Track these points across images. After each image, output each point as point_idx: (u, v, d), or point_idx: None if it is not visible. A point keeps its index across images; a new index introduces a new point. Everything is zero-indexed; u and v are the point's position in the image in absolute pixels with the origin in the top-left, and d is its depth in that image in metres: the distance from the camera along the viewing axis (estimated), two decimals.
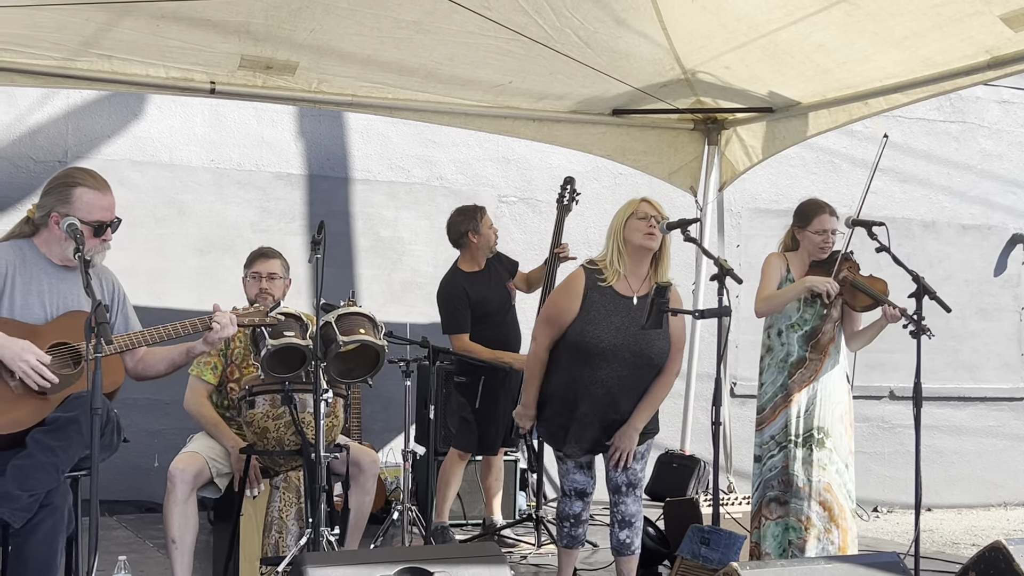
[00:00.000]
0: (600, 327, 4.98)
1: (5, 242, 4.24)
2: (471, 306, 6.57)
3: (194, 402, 5.29)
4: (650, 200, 5.14)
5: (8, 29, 5.67)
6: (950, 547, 7.73)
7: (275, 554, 5.02)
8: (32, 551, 3.78)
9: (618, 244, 5.07)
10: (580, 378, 5.00)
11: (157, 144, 8.33)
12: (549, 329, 5.13)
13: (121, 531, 7.24)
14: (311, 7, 5.71)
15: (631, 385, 5.01)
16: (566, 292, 5.13)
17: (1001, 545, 4.63)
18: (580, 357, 5.00)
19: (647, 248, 5.04)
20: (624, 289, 5.04)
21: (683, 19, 6.00)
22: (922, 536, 5.40)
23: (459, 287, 6.62)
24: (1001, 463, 10.41)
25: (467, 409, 6.50)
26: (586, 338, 4.98)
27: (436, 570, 3.68)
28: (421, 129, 8.70)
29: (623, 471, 5.07)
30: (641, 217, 5.04)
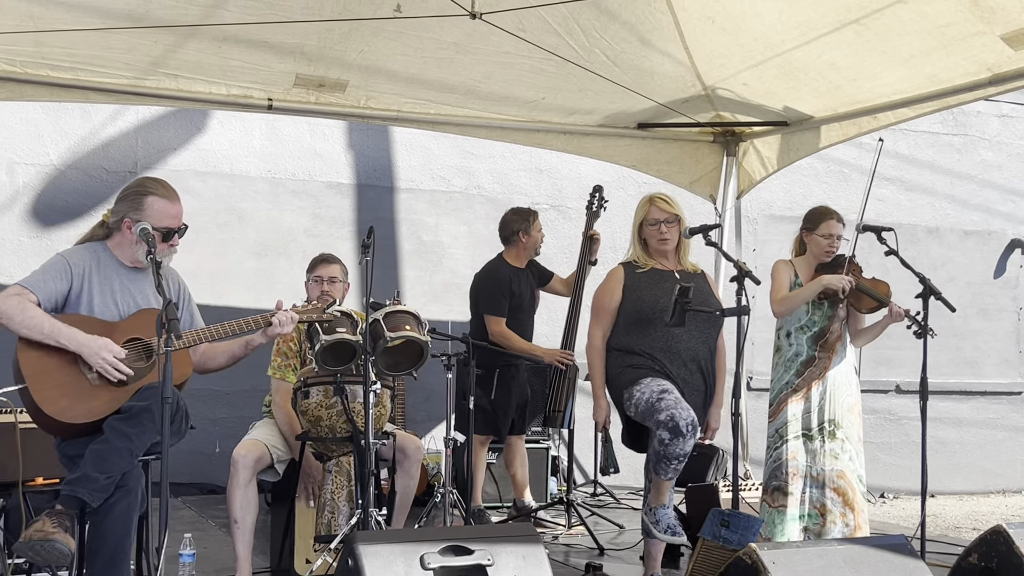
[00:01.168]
0: (654, 291, 5.02)
1: (81, 245, 4.27)
2: (511, 296, 6.61)
3: (281, 402, 5.27)
4: (657, 201, 5.16)
5: (84, 50, 5.73)
6: (953, 531, 7.68)
7: (328, 533, 5.03)
8: (108, 528, 3.79)
9: (639, 243, 5.17)
10: (655, 339, 4.98)
11: (219, 156, 8.39)
12: (598, 319, 5.15)
13: (186, 511, 7.29)
14: (360, 30, 5.74)
15: (700, 337, 5.02)
16: (607, 284, 5.19)
17: (1002, 529, 4.60)
18: (645, 321, 5.00)
19: (663, 250, 5.12)
20: (663, 267, 5.12)
21: (704, 39, 5.99)
22: (927, 520, 5.38)
23: (505, 275, 6.65)
24: (1000, 453, 10.36)
25: (483, 399, 6.52)
26: (644, 303, 5.01)
27: (476, 548, 3.69)
28: (460, 142, 8.72)
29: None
30: (652, 224, 5.09)
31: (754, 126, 7.19)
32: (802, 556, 3.93)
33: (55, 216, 7.94)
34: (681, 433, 4.70)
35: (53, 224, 7.92)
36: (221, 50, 5.88)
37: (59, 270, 4.06)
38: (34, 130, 7.93)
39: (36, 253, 7.70)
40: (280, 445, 5.17)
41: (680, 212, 5.14)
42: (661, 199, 5.16)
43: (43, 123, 7.94)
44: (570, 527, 6.78)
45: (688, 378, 5.00)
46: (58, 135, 7.99)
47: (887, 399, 9.88)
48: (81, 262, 4.12)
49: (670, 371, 4.96)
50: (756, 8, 5.51)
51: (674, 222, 5.10)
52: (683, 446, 4.73)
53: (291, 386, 5.24)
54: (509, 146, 8.32)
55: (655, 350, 4.98)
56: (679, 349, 4.97)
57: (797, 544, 4.23)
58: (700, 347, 5.03)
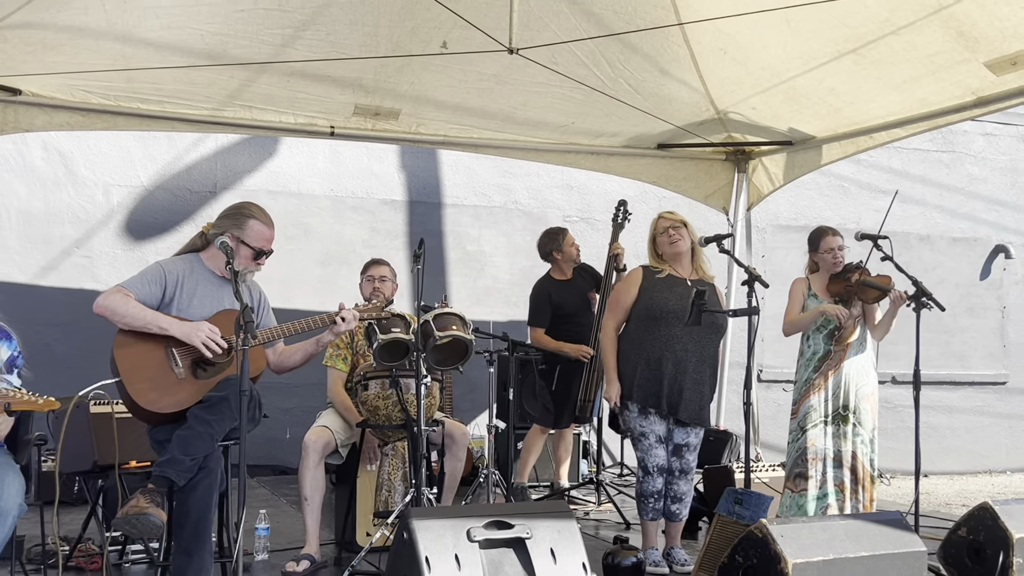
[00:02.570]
0: (665, 295, 5.00)
1: (178, 256, 4.32)
2: (552, 307, 6.60)
3: (333, 389, 5.34)
4: (663, 215, 5.21)
5: (170, 85, 5.79)
6: (944, 507, 7.60)
7: (385, 509, 5.07)
8: (192, 505, 3.82)
9: (655, 255, 5.17)
10: (658, 338, 4.96)
11: (287, 177, 8.45)
12: (612, 313, 5.15)
13: (260, 490, 7.34)
14: (411, 65, 5.76)
15: (696, 346, 4.98)
16: (625, 282, 5.21)
17: (988, 505, 4.57)
18: (652, 321, 4.98)
19: (677, 252, 5.10)
20: (677, 274, 5.10)
21: (716, 69, 5.97)
22: (920, 498, 5.33)
23: (545, 291, 6.68)
24: (987, 437, 10.28)
25: (546, 390, 6.53)
26: (655, 304, 5.00)
27: (516, 523, 3.69)
28: (499, 162, 8.73)
29: (680, 459, 5.05)
30: (661, 232, 5.12)
31: (762, 145, 7.15)
32: (807, 530, 3.91)
33: (145, 231, 8.03)
34: (649, 472, 4.99)
35: (143, 238, 8.02)
36: (289, 84, 5.91)
37: (155, 276, 4.10)
38: (126, 156, 8.02)
39: (129, 264, 7.80)
40: (343, 432, 5.20)
41: (684, 220, 5.16)
42: (667, 213, 5.23)
43: (134, 150, 8.03)
44: (599, 504, 6.77)
45: (675, 373, 4.95)
46: (147, 160, 8.07)
47: (884, 389, 9.69)
48: (175, 271, 4.16)
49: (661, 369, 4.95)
50: (763, 41, 5.48)
51: (680, 227, 5.10)
52: (653, 484, 4.99)
53: (340, 373, 5.33)
54: (543, 165, 8.32)
55: (656, 347, 4.97)
56: (673, 348, 4.95)
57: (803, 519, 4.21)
58: (695, 349, 4.97)
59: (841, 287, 5.50)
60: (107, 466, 4.70)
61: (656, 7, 5.28)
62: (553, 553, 3.64)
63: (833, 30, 5.19)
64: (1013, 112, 9.71)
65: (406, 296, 8.08)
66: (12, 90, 5.59)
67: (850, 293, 5.48)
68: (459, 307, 5.14)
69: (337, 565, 4.99)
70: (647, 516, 5.06)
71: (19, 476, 3.49)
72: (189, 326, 3.96)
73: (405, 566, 3.53)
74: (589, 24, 5.38)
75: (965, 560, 4.60)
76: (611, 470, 8.36)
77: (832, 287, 5.55)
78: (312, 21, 5.26)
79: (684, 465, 5.07)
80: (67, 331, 7.47)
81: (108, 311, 3.93)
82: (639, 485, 5.06)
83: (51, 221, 7.82)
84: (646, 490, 5.01)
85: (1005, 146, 10.66)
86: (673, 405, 4.96)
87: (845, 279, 5.48)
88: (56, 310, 7.58)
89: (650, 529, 5.11)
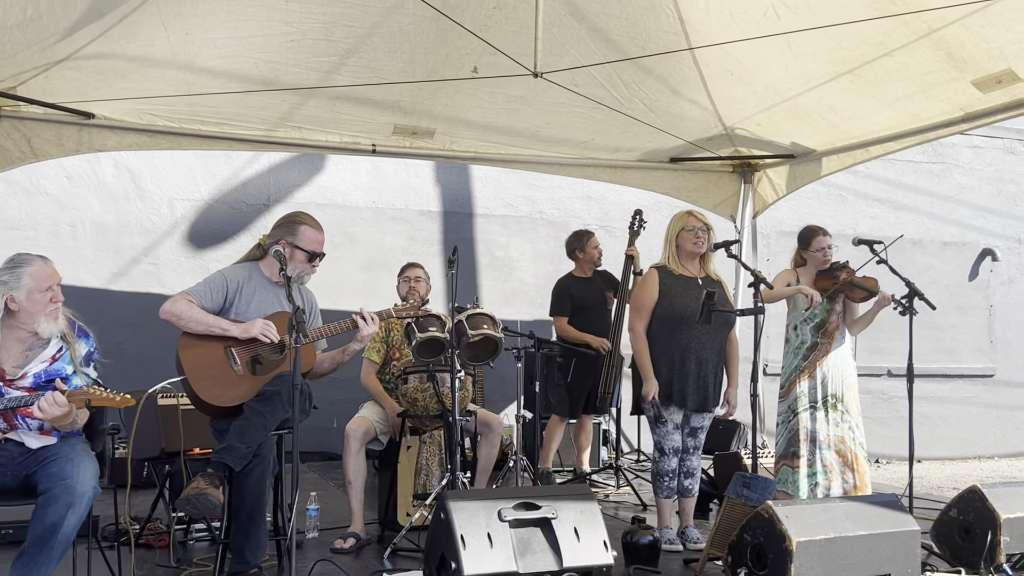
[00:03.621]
0: (683, 298, 5.00)
1: (239, 264, 4.36)
2: (572, 300, 6.63)
3: (365, 377, 5.40)
4: (695, 213, 5.20)
5: (228, 109, 5.84)
6: (936, 490, 7.52)
7: (423, 491, 5.09)
8: (248, 489, 3.85)
9: (673, 248, 5.14)
10: (680, 339, 4.97)
11: (333, 190, 8.50)
12: (639, 315, 5.13)
13: (310, 474, 7.38)
14: (445, 88, 5.78)
15: (712, 342, 5.01)
16: (644, 285, 5.16)
17: (977, 488, 4.53)
18: (675, 323, 4.98)
19: (696, 253, 5.11)
20: (689, 274, 5.10)
21: (724, 89, 5.95)
22: (914, 481, 5.29)
23: (566, 285, 6.73)
24: (976, 426, 10.19)
25: (563, 381, 6.54)
26: (675, 308, 5.00)
27: (543, 504, 3.70)
28: (525, 176, 8.74)
29: (694, 439, 5.07)
30: (690, 230, 5.08)
31: (766, 158, 7.12)
32: (810, 511, 3.89)
33: (205, 241, 8.09)
34: (665, 453, 5.02)
35: (204, 247, 8.09)
36: (335, 107, 5.94)
37: (217, 284, 4.15)
38: (189, 172, 8.09)
39: (191, 270, 7.87)
40: (383, 421, 5.22)
41: (710, 224, 5.16)
42: (698, 213, 5.20)
43: (196, 167, 8.10)
44: (618, 487, 6.76)
45: (698, 371, 4.97)
46: (207, 176, 8.14)
47: (880, 382, 9.74)
48: (235, 278, 4.20)
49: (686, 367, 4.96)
50: (767, 63, 5.46)
51: (706, 231, 5.09)
52: (668, 464, 5.02)
53: (373, 364, 5.39)
54: (565, 178, 8.32)
55: (679, 348, 4.97)
56: (694, 347, 4.96)
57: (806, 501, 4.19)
58: (711, 343, 5.00)
59: (829, 283, 5.47)
60: (173, 453, 4.76)
61: (668, 33, 5.28)
62: (576, 532, 3.66)
63: (831, 52, 5.16)
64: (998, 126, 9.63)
65: (441, 298, 8.11)
66: (86, 114, 5.65)
67: (838, 290, 5.45)
68: (489, 308, 5.14)
69: (380, 542, 5.02)
70: (662, 494, 5.08)
71: (94, 462, 3.53)
72: (245, 324, 4.01)
73: (442, 543, 3.55)
74: (607, 49, 5.38)
75: (956, 539, 4.56)
76: (629, 456, 8.34)
77: (820, 283, 5.51)
78: (355, 49, 5.29)
79: (697, 443, 5.13)
80: (136, 331, 7.54)
81: (173, 316, 3.98)
82: (655, 465, 5.09)
83: (121, 232, 7.90)
84: (662, 469, 5.04)
85: (991, 157, 10.57)
86: (700, 400, 4.98)
87: (833, 277, 5.47)
88: (126, 312, 7.66)
89: (665, 508, 5.11)
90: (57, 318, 3.65)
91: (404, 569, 4.40)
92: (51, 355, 3.64)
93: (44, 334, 3.62)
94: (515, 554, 3.51)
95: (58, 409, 3.39)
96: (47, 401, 3.39)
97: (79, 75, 5.17)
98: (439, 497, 3.72)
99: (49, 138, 5.67)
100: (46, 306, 3.61)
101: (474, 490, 4.90)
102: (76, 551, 3.61)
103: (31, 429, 3.56)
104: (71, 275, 7.63)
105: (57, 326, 3.64)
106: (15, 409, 3.52)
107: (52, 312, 3.63)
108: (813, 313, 5.48)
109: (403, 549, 4.75)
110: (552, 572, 3.53)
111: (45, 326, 3.61)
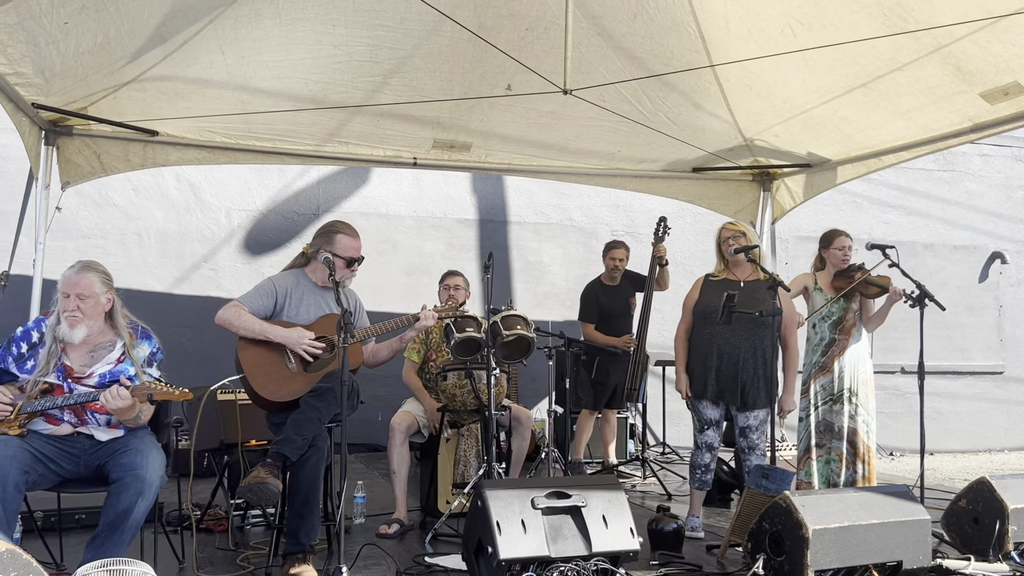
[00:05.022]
0: (711, 298, 4.99)
1: (287, 271, 4.40)
2: (599, 307, 6.63)
3: (406, 375, 5.43)
4: (727, 226, 5.18)
5: (281, 126, 5.90)
6: (947, 482, 7.43)
7: (462, 481, 5.11)
8: (304, 477, 3.88)
9: (720, 256, 5.17)
10: (711, 335, 4.95)
11: (377, 201, 8.56)
12: (682, 318, 5.16)
13: (357, 464, 7.43)
14: (480, 104, 5.80)
15: (747, 342, 4.92)
16: (692, 290, 5.19)
17: (986, 480, 4.48)
18: (702, 321, 4.98)
19: (736, 259, 5.09)
20: (733, 278, 5.08)
21: (744, 102, 5.93)
22: (926, 473, 5.24)
23: (593, 293, 6.75)
24: (986, 420, 10.05)
25: (587, 378, 6.55)
26: (702, 306, 5.01)
27: (573, 493, 3.71)
28: (556, 186, 8.77)
29: (745, 439, 4.99)
30: (724, 240, 5.11)
31: (784, 168, 7.07)
32: (825, 501, 3.87)
33: (260, 248, 8.19)
34: (699, 447, 5.03)
35: (259, 254, 8.18)
36: (379, 123, 5.98)
37: (267, 290, 4.19)
38: (244, 184, 8.19)
39: (247, 276, 7.97)
40: (424, 416, 5.26)
41: (745, 229, 5.10)
42: (730, 223, 5.19)
43: (251, 179, 8.20)
44: (644, 478, 6.75)
45: (721, 365, 4.92)
46: (261, 188, 8.24)
47: (894, 378, 9.64)
48: (284, 284, 4.24)
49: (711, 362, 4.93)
50: (784, 78, 5.44)
51: (740, 236, 5.06)
52: (701, 457, 5.02)
53: (413, 363, 5.42)
54: (593, 188, 8.32)
55: (704, 344, 4.96)
56: (718, 343, 4.93)
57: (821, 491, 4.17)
58: (742, 343, 4.93)
59: (845, 282, 5.45)
60: (231, 444, 4.82)
61: (690, 51, 5.27)
62: (605, 519, 3.66)
63: (845, 67, 5.13)
64: (1006, 136, 9.52)
65: (477, 300, 8.15)
66: (151, 132, 5.73)
67: (854, 288, 5.42)
68: (522, 309, 5.17)
69: (422, 528, 5.05)
70: (694, 485, 5.07)
71: (161, 453, 3.59)
72: (289, 336, 4.03)
73: (480, 529, 3.58)
74: (632, 67, 5.38)
75: (965, 528, 4.51)
76: (654, 448, 8.33)
77: (837, 282, 5.49)
78: (397, 70, 5.33)
79: (750, 443, 4.98)
80: (196, 332, 7.65)
81: (226, 323, 4.05)
82: (691, 457, 5.12)
83: (183, 240, 8.01)
84: (695, 462, 5.06)
85: (1000, 165, 10.42)
86: (732, 396, 4.93)
87: (849, 276, 5.44)
88: (187, 314, 7.76)
89: (696, 498, 5.09)
90: (74, 326, 3.60)
91: (444, 553, 4.43)
92: (116, 357, 3.70)
93: (59, 336, 3.61)
94: (547, 539, 3.52)
95: (121, 401, 3.44)
96: (111, 394, 3.44)
97: (144, 96, 5.25)
98: (476, 486, 3.74)
99: (117, 154, 5.75)
100: (65, 311, 3.62)
101: (509, 479, 4.91)
102: (143, 535, 3.67)
103: (100, 424, 3.63)
104: (137, 280, 7.77)
105: (73, 333, 3.60)
106: (84, 404, 3.59)
107: (68, 318, 3.60)
108: (831, 311, 5.45)
109: (443, 534, 4.78)
110: (582, 556, 3.54)
111: (63, 329, 3.61)
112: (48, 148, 5.43)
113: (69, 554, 4.11)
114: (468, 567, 3.71)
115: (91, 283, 3.66)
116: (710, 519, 5.46)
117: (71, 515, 4.78)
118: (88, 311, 3.64)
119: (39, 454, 3.49)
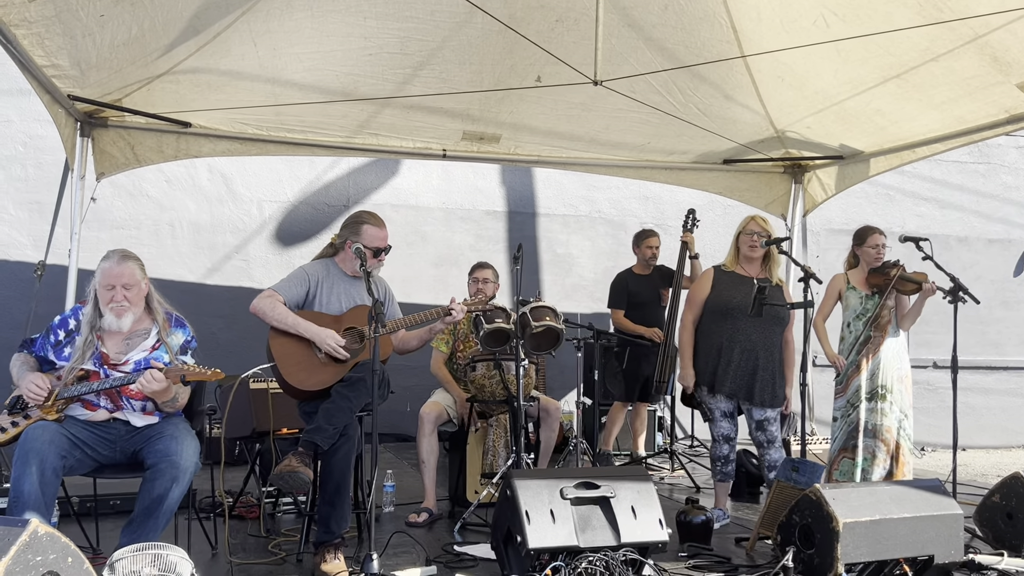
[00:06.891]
0: (731, 292, 4.97)
1: (317, 260, 4.42)
2: (628, 295, 6.64)
3: (435, 366, 5.45)
4: (757, 218, 5.12)
5: (312, 118, 5.95)
6: (980, 477, 7.34)
7: (490, 471, 5.12)
8: (335, 465, 3.91)
9: (734, 248, 5.14)
10: (723, 331, 4.94)
11: (407, 192, 8.59)
12: (690, 308, 5.13)
13: (386, 454, 7.48)
14: (510, 97, 5.81)
15: (761, 337, 4.93)
16: (699, 281, 5.18)
17: (1020, 475, 4.43)
18: (719, 315, 4.97)
19: (749, 257, 5.04)
20: (743, 273, 5.05)
21: (775, 94, 5.88)
22: (958, 468, 5.19)
23: (624, 280, 6.77)
24: (1020, 416, 9.93)
25: (618, 369, 6.55)
26: (721, 300, 4.98)
27: (602, 484, 3.72)
28: (585, 177, 8.74)
29: (763, 432, 5.00)
30: (748, 233, 5.04)
31: (816, 160, 7.02)
32: (856, 494, 3.84)
33: (291, 238, 8.25)
34: (716, 440, 5.04)
35: (290, 244, 8.25)
36: (408, 115, 6.00)
37: (300, 279, 4.22)
38: (275, 176, 8.25)
39: (278, 266, 8.04)
40: (453, 406, 5.28)
41: (771, 231, 5.07)
42: (760, 218, 5.14)
43: (282, 171, 8.26)
44: (673, 470, 6.74)
45: (742, 361, 4.92)
46: (292, 179, 8.30)
47: (927, 373, 9.52)
48: (316, 273, 4.27)
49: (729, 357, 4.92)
50: (817, 69, 5.39)
51: (764, 235, 5.03)
52: (719, 450, 5.03)
53: (441, 354, 5.43)
54: (623, 179, 8.30)
55: (721, 338, 4.94)
56: (739, 338, 4.92)
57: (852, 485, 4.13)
58: (760, 339, 4.92)
59: (880, 279, 5.38)
60: (263, 432, 4.85)
61: (721, 42, 5.24)
62: (633, 510, 3.66)
63: (879, 58, 5.07)
64: None
65: (506, 292, 8.16)
66: (183, 123, 5.80)
67: (889, 285, 5.35)
68: (551, 301, 5.17)
69: (451, 517, 5.08)
70: (717, 477, 5.09)
71: (195, 440, 3.63)
72: (319, 334, 4.03)
73: (508, 518, 3.59)
74: (663, 58, 5.36)
75: (998, 523, 4.47)
76: (683, 441, 8.31)
77: (872, 279, 5.42)
78: (427, 62, 5.35)
79: (768, 436, 5.01)
80: (228, 321, 7.73)
81: (260, 313, 4.09)
82: (711, 450, 5.14)
83: (215, 231, 8.10)
84: (715, 454, 5.08)
85: None
86: (749, 391, 4.93)
87: (884, 273, 5.37)
88: (220, 304, 7.85)
89: (720, 490, 5.09)
90: (121, 315, 3.67)
91: (473, 542, 4.45)
92: (151, 345, 3.75)
93: (105, 326, 3.68)
94: (576, 529, 3.53)
95: (156, 384, 3.49)
96: (146, 378, 3.49)
97: (177, 88, 5.31)
98: (505, 476, 3.74)
99: (151, 145, 5.82)
100: (108, 302, 3.68)
101: (538, 470, 4.93)
102: (177, 520, 3.71)
103: (135, 409, 3.68)
104: (170, 270, 7.86)
105: (120, 322, 3.67)
106: (120, 389, 3.65)
107: (115, 309, 3.67)
108: (865, 308, 5.40)
109: (472, 524, 4.80)
110: (611, 547, 3.54)
111: (108, 318, 3.67)
112: (83, 139, 5.51)
113: (105, 538, 4.18)
114: (497, 556, 3.73)
115: (133, 271, 3.73)
116: (739, 512, 5.44)
117: (106, 500, 4.86)
118: (134, 299, 3.72)
119: (76, 439, 3.55)
